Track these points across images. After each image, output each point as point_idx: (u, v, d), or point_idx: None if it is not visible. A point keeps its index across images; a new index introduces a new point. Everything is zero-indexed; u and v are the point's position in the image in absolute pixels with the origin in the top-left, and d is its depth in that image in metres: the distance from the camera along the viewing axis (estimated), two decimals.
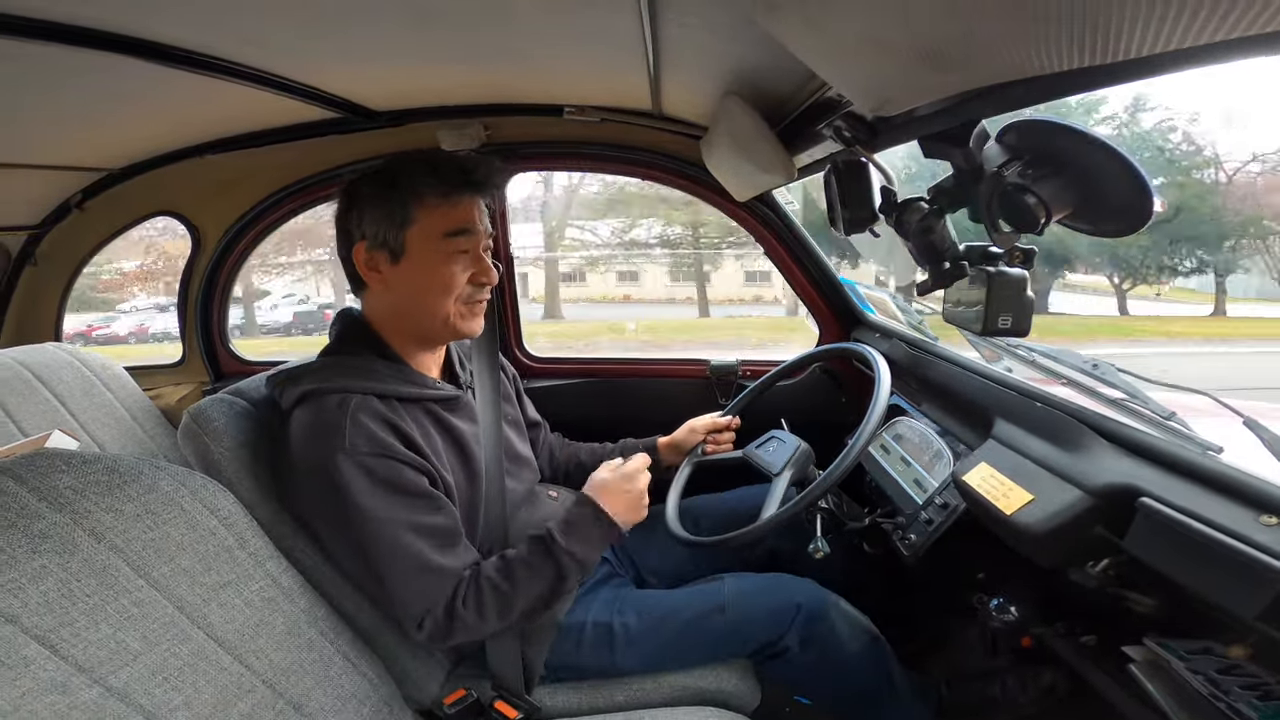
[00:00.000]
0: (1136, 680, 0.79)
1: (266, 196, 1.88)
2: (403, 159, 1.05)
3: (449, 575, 0.99)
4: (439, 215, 1.03)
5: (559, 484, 1.45)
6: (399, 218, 1.02)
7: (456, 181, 1.04)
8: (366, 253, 1.04)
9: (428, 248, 1.03)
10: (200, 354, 2.02)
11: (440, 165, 1.04)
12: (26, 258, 1.95)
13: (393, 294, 1.06)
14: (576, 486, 1.43)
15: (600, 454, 1.48)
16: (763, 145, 1.14)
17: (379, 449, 0.96)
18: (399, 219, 1.02)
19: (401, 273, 1.04)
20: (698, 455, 1.42)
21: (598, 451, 1.49)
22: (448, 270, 1.04)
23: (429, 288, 1.05)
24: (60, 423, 1.63)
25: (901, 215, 0.92)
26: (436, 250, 1.03)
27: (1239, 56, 0.40)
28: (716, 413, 1.48)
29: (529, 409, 1.43)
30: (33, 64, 1.02)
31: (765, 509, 1.14)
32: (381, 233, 1.02)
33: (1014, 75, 0.52)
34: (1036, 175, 0.72)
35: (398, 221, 1.02)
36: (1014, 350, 1.22)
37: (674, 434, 1.46)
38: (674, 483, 1.34)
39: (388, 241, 1.03)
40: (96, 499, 0.76)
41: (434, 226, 1.03)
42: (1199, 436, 0.81)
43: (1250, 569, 0.59)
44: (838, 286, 1.81)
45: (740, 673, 1.15)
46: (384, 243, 1.03)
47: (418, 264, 1.04)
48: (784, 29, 0.67)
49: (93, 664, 0.68)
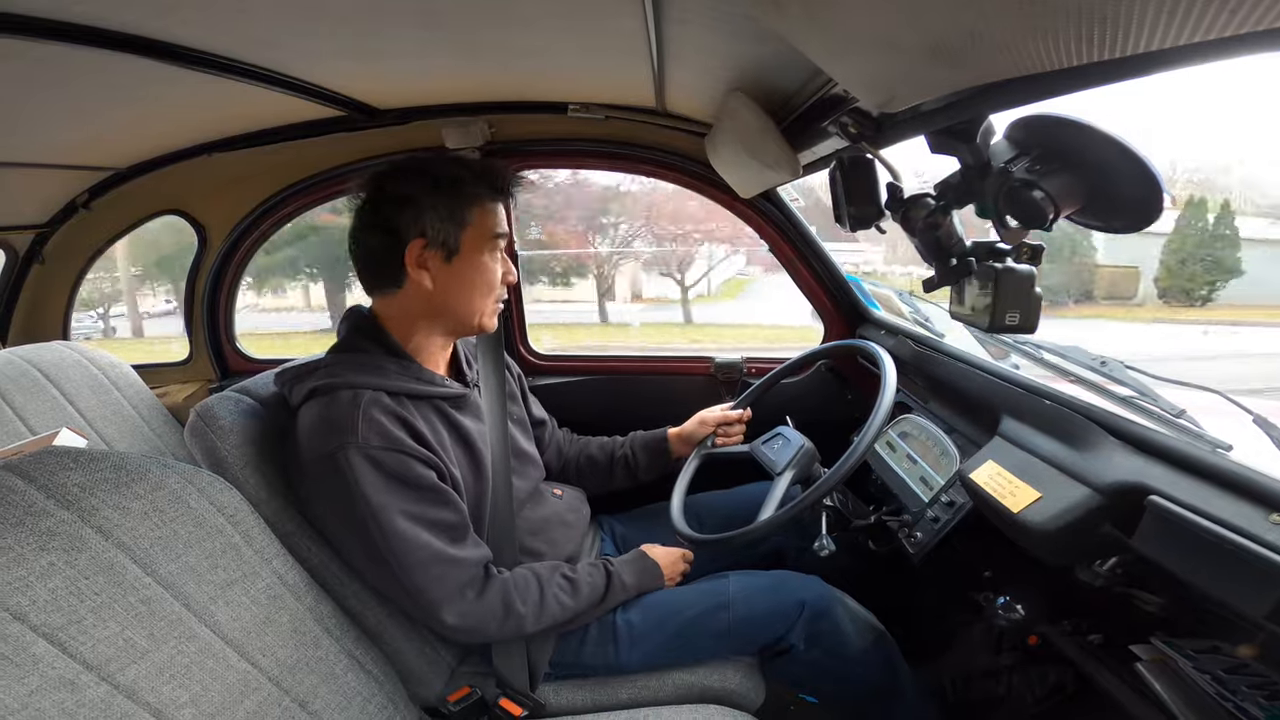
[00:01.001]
0: (1143, 679, 0.78)
1: (272, 195, 1.89)
2: (449, 161, 1.10)
3: (465, 565, 1.01)
4: (490, 217, 1.08)
5: (569, 478, 1.47)
6: (459, 218, 1.05)
7: (500, 186, 1.10)
8: (422, 250, 1.05)
9: (480, 247, 1.08)
10: (207, 352, 2.03)
11: (487, 171, 1.09)
12: (34, 256, 1.96)
13: (436, 290, 1.07)
14: (586, 481, 1.46)
15: (610, 448, 1.50)
16: (768, 142, 1.13)
17: (390, 444, 0.97)
18: (459, 219, 1.06)
19: (453, 271, 1.07)
20: (707, 447, 1.43)
21: (607, 445, 1.50)
22: (494, 270, 1.10)
23: (476, 286, 1.09)
24: (68, 420, 1.64)
25: (908, 211, 0.91)
26: (484, 250, 1.09)
27: (1247, 52, 0.39)
28: (726, 404, 1.48)
29: (534, 407, 1.44)
30: (40, 63, 1.02)
31: (764, 509, 1.15)
32: (442, 231, 1.05)
33: (1021, 71, 0.51)
34: (1045, 170, 0.71)
35: (458, 221, 1.05)
36: (1021, 347, 1.22)
37: (684, 425, 1.48)
38: (678, 481, 1.34)
39: (447, 241, 1.05)
40: (104, 496, 0.76)
41: (486, 228, 1.08)
42: (1209, 434, 0.80)
43: (1259, 568, 0.58)
44: (843, 283, 1.80)
45: (745, 671, 1.15)
46: (443, 242, 1.05)
47: (469, 263, 1.08)
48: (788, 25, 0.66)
49: (100, 661, 0.68)
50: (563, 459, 1.49)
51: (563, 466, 1.49)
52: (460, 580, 1.01)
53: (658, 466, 1.48)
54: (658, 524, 1.29)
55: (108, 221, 1.96)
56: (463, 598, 1.01)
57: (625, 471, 1.47)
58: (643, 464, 1.47)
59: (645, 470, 1.47)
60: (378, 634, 1.05)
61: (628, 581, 1.15)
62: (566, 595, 1.09)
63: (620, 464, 1.47)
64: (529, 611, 1.05)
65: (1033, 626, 1.03)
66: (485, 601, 1.02)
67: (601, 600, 1.12)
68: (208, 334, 2.01)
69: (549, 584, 1.09)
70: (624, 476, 1.48)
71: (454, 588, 1.00)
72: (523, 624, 1.04)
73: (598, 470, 1.48)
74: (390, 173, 1.07)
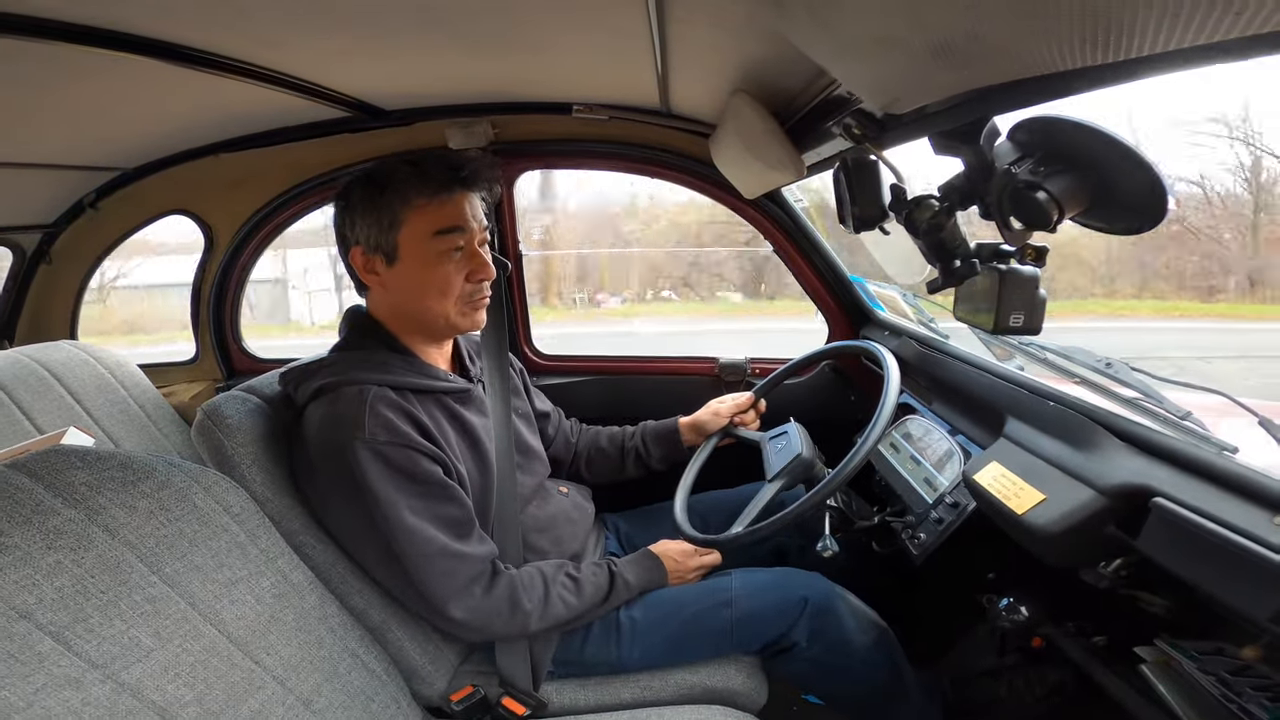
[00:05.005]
0: (1147, 681, 0.78)
1: (277, 195, 1.90)
2: (390, 161, 1.07)
3: (472, 560, 1.02)
4: (428, 215, 1.04)
5: (579, 470, 1.47)
6: (388, 220, 1.03)
7: (444, 180, 1.05)
8: (363, 256, 1.06)
9: (420, 248, 1.04)
10: (213, 351, 2.04)
11: (426, 165, 1.05)
12: (41, 256, 1.97)
13: (392, 295, 1.08)
14: (597, 472, 1.47)
15: (620, 439, 1.49)
16: (772, 143, 1.13)
17: (397, 439, 0.97)
18: (388, 222, 1.03)
19: (398, 275, 1.06)
20: (717, 440, 1.43)
21: (617, 436, 1.50)
22: (442, 270, 1.06)
23: (426, 288, 1.06)
24: (75, 420, 1.65)
25: (912, 213, 0.91)
26: (428, 250, 1.04)
27: (1252, 55, 0.39)
28: (741, 393, 1.48)
29: (537, 400, 1.44)
30: (47, 64, 1.03)
31: (746, 512, 1.16)
32: (374, 236, 1.04)
33: (1025, 73, 0.51)
34: (1049, 172, 0.71)
35: (387, 224, 1.03)
36: (1026, 348, 1.21)
37: (696, 414, 1.47)
38: (681, 480, 1.34)
39: (381, 245, 1.04)
40: (111, 495, 0.77)
41: (423, 227, 1.04)
42: (1214, 436, 0.80)
43: (1264, 570, 0.58)
44: (847, 284, 1.80)
45: (748, 670, 1.15)
46: (377, 246, 1.05)
47: (412, 265, 1.05)
48: (793, 26, 0.67)
49: (105, 660, 0.69)
50: (572, 450, 1.48)
51: (573, 458, 1.48)
52: (467, 575, 1.01)
53: (670, 456, 1.46)
54: (662, 522, 1.29)
55: (115, 221, 1.96)
56: (469, 593, 1.01)
57: (637, 462, 1.46)
58: (655, 454, 1.46)
59: (658, 460, 1.46)
60: (381, 633, 1.05)
61: (631, 581, 1.15)
62: (570, 594, 1.09)
63: (631, 455, 1.46)
64: (534, 609, 1.05)
65: (1036, 628, 1.02)
66: (492, 597, 1.02)
67: (605, 600, 1.12)
68: (214, 333, 2.02)
69: (554, 582, 1.09)
70: (635, 467, 1.47)
71: (461, 583, 1.00)
72: (528, 621, 1.04)
73: (608, 461, 1.47)
74: (349, 179, 1.07)
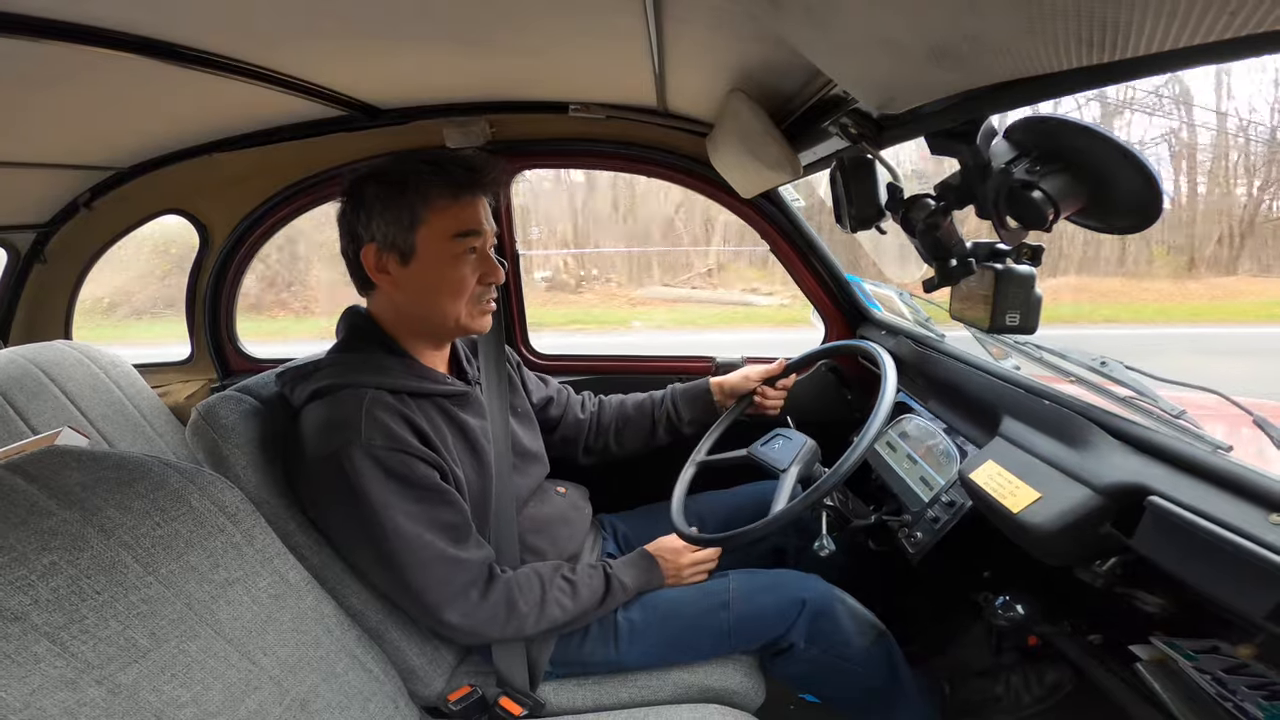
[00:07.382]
0: (1143, 679, 0.79)
1: (273, 194, 1.89)
2: (409, 159, 1.04)
3: (468, 565, 1.01)
4: (449, 216, 1.02)
5: (607, 443, 1.47)
6: (408, 219, 1.01)
7: (464, 181, 1.03)
8: (376, 254, 1.03)
9: (438, 249, 1.03)
10: (208, 352, 2.04)
11: (447, 165, 1.03)
12: (36, 256, 1.96)
13: (403, 295, 1.06)
14: (629, 439, 1.47)
15: (648, 406, 1.48)
16: (768, 142, 1.13)
17: (394, 444, 0.96)
18: (408, 220, 1.01)
19: (412, 274, 1.04)
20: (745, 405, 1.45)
21: (645, 403, 1.49)
22: (458, 272, 1.04)
23: (440, 289, 1.05)
24: (70, 420, 1.65)
25: (908, 212, 0.91)
26: (446, 251, 1.03)
27: (1247, 55, 0.39)
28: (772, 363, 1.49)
29: (534, 391, 1.42)
30: (41, 63, 1.02)
31: (774, 505, 1.13)
32: (391, 234, 1.02)
33: (1021, 73, 0.51)
34: (1045, 171, 0.71)
35: (407, 223, 1.01)
36: (1022, 347, 1.22)
37: (727, 376, 1.48)
38: (679, 481, 1.34)
39: (398, 244, 1.02)
40: (106, 496, 0.77)
41: (444, 227, 1.02)
42: (1208, 435, 0.80)
43: (1259, 568, 0.58)
44: (844, 283, 1.80)
45: (745, 670, 1.15)
46: (394, 244, 1.02)
47: (428, 265, 1.03)
48: (789, 26, 0.67)
49: (101, 661, 0.69)
50: (584, 426, 1.46)
51: (600, 433, 1.47)
52: (464, 580, 1.01)
53: (699, 418, 1.46)
54: (660, 522, 1.28)
55: (109, 221, 1.96)
56: (466, 598, 1.01)
57: (668, 426, 1.46)
58: (685, 416, 1.45)
59: (689, 423, 1.46)
60: (378, 633, 1.05)
61: (628, 583, 1.15)
62: (566, 597, 1.09)
63: (664, 419, 1.46)
64: (530, 613, 1.05)
65: (1032, 626, 1.03)
66: (488, 602, 1.02)
67: (600, 603, 1.12)
68: (209, 333, 2.02)
69: (550, 585, 1.09)
70: (666, 432, 1.47)
71: (457, 588, 1.00)
72: (524, 624, 1.04)
73: (638, 430, 1.47)
74: (358, 175, 1.05)
